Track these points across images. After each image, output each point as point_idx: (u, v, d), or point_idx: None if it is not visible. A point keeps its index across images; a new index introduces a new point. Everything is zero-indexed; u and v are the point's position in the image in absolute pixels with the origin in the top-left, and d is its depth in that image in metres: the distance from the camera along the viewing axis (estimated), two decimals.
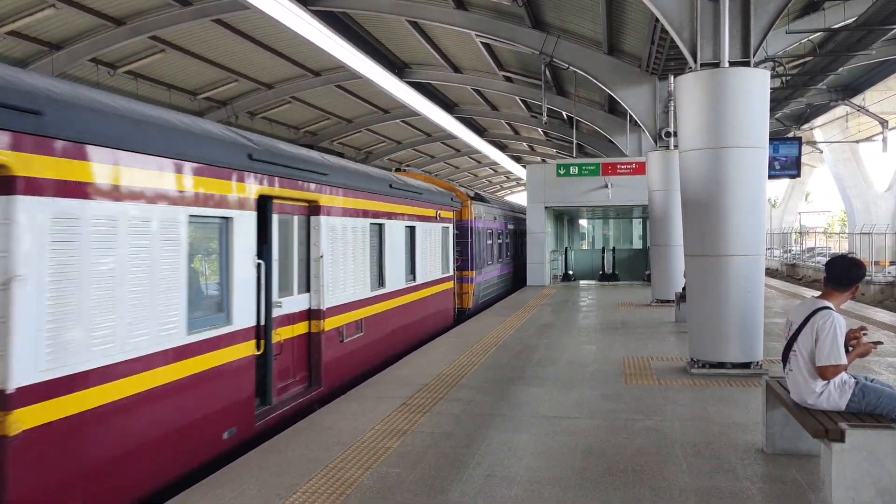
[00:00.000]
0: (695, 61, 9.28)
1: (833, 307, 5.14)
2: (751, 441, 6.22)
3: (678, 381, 8.78)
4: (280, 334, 7.82)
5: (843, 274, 5.21)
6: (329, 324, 8.81)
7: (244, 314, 6.86)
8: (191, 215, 6.05)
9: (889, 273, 31.89)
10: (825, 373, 4.96)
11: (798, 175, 22.91)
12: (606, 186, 24.01)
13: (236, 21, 17.74)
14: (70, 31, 16.52)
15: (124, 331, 5.21)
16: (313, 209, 8.67)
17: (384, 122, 31.03)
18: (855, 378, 5.05)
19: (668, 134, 17.03)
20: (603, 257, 29.27)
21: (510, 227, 25.32)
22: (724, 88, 8.92)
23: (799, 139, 23.25)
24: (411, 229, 12.90)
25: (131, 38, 17.09)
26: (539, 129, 34.46)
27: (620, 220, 37.50)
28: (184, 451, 5.96)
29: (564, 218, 34.31)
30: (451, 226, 16.25)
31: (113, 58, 18.04)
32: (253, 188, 7.07)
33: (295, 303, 8.30)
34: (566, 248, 30.70)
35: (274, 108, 25.07)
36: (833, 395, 5.00)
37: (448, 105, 29.69)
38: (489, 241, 21.37)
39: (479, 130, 36.46)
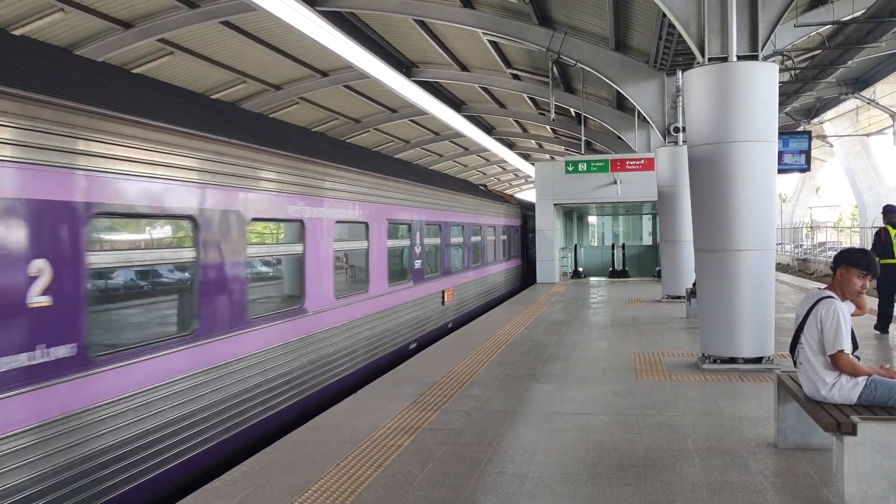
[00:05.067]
0: (702, 56, 9.25)
1: (836, 296, 5.15)
2: (763, 435, 6.21)
3: (689, 377, 8.77)
4: None
5: (836, 257, 5.34)
6: None
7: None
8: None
9: None
10: (837, 362, 4.96)
11: (808, 169, 22.84)
12: (615, 183, 23.98)
13: (244, 23, 17.81)
14: (79, 34, 16.59)
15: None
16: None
17: (392, 121, 31.03)
18: None
19: (676, 129, 16.99)
20: (613, 254, 29.21)
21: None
22: (733, 83, 8.89)
23: (809, 133, 23.17)
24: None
25: (140, 41, 17.14)
26: (547, 127, 34.40)
27: (630, 217, 37.42)
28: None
29: (574, 215, 34.25)
30: None
31: (122, 61, 18.09)
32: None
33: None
34: (576, 245, 30.63)
35: (282, 108, 25.11)
36: (845, 387, 4.99)
37: (456, 103, 29.69)
38: None
39: (487, 128, 36.44)
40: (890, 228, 11.59)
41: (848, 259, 5.25)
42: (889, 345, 10.90)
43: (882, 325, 11.71)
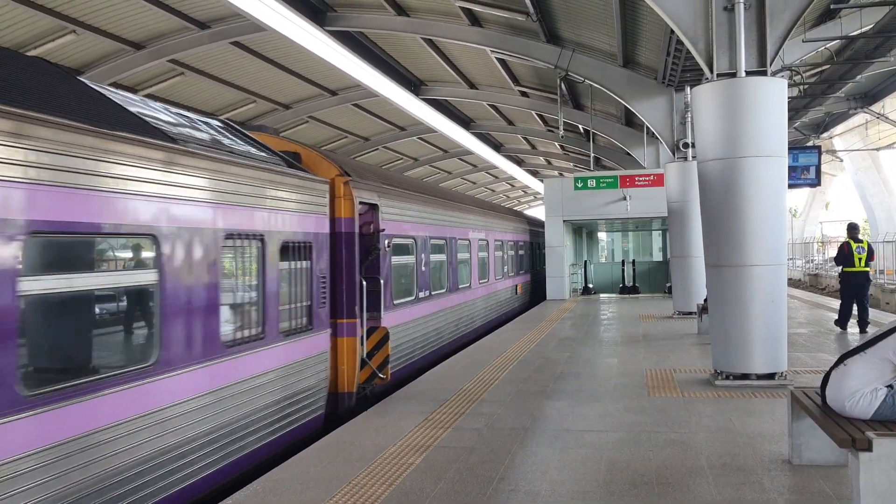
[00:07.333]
0: (711, 72, 9.25)
1: None
2: (777, 452, 6.16)
3: (702, 393, 8.72)
4: None
5: None
6: None
7: None
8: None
9: None
10: None
11: (818, 184, 22.70)
12: (625, 199, 23.97)
13: (254, 43, 17.96)
14: (90, 55, 16.78)
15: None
16: None
17: (401, 139, 31.17)
18: (890, 385, 5.01)
19: (685, 145, 16.97)
20: (623, 270, 29.14)
21: None
22: (742, 98, 8.90)
23: (818, 148, 23.06)
24: None
25: (151, 62, 17.32)
26: (556, 143, 34.45)
27: (640, 233, 37.32)
28: None
29: (583, 231, 34.20)
30: None
31: (133, 81, 18.28)
32: None
33: None
34: (585, 262, 30.56)
35: (292, 127, 25.26)
36: (863, 401, 4.94)
37: (464, 121, 29.80)
38: None
39: (496, 145, 36.52)
40: (852, 242, 13.75)
41: None
42: (847, 340, 12.71)
43: (841, 323, 14.03)
